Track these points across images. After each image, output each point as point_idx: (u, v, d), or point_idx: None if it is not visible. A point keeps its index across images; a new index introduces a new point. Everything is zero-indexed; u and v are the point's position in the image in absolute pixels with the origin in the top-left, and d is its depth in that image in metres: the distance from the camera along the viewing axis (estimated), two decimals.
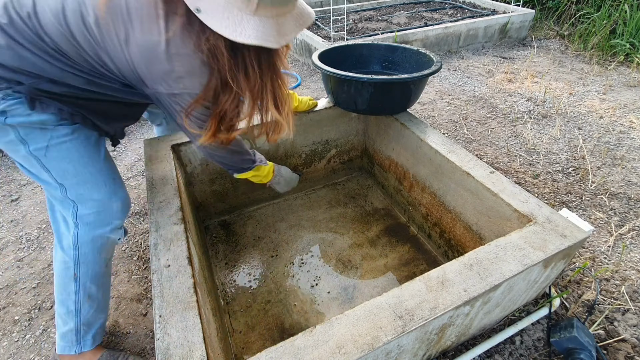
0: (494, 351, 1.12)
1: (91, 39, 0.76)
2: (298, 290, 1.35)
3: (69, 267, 0.98)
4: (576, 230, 0.98)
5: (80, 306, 1.01)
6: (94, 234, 0.97)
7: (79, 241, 0.96)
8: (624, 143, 2.10)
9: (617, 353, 1.10)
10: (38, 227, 1.68)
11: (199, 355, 0.71)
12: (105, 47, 0.77)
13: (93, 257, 0.99)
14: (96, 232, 0.97)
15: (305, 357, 0.70)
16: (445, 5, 4.31)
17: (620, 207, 1.66)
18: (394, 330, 0.75)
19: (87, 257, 0.98)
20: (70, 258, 0.97)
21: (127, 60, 0.78)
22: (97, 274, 1.02)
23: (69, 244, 0.96)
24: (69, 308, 1.01)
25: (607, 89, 2.69)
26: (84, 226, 0.96)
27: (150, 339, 1.23)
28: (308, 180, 1.81)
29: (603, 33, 3.27)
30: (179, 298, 0.82)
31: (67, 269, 0.98)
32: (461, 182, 1.24)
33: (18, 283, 1.43)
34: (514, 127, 2.30)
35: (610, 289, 1.30)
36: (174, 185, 1.14)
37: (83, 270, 0.98)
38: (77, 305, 1.01)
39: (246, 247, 1.54)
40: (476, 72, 3.07)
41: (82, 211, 0.94)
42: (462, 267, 0.89)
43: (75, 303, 1.00)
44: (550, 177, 1.86)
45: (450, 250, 1.41)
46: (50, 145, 0.87)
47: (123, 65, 0.79)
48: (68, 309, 1.01)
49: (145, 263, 1.50)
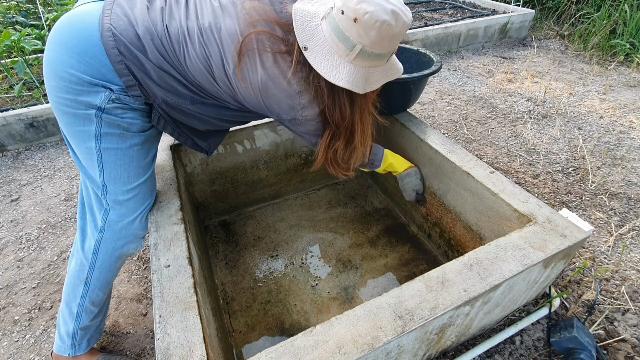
0: (494, 351, 1.12)
1: (230, 85, 0.87)
2: (298, 290, 1.35)
3: (84, 269, 0.98)
4: (576, 230, 0.98)
5: (82, 310, 1.01)
6: (117, 243, 0.98)
7: (101, 247, 0.97)
8: (624, 143, 2.10)
9: (617, 353, 1.10)
10: (38, 227, 1.68)
11: (199, 355, 0.71)
12: (240, 91, 0.87)
13: (109, 264, 1.00)
14: (120, 242, 0.98)
15: (305, 357, 0.70)
16: (445, 5, 4.31)
17: (620, 207, 1.66)
18: (394, 330, 0.75)
19: (103, 264, 0.99)
20: (88, 261, 0.97)
21: (256, 98, 0.87)
22: (108, 281, 1.03)
23: (90, 247, 0.97)
24: (72, 310, 1.01)
25: (607, 89, 2.69)
26: (111, 232, 0.96)
27: (150, 339, 1.23)
28: (308, 180, 1.81)
29: (603, 33, 3.27)
30: (179, 298, 0.82)
31: (81, 270, 0.98)
32: (461, 182, 1.24)
33: (18, 283, 1.43)
34: (514, 127, 2.30)
35: (610, 289, 1.30)
36: (174, 185, 1.14)
37: (96, 275, 0.99)
38: (79, 309, 1.01)
39: (246, 247, 1.54)
40: (476, 72, 3.07)
41: (113, 217, 0.95)
42: (462, 267, 0.89)
43: (79, 307, 1.01)
44: (550, 177, 1.86)
45: (450, 250, 1.41)
46: (120, 149, 0.90)
47: (253, 101, 0.89)
48: (71, 311, 1.01)
49: (145, 263, 1.50)
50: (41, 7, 3.31)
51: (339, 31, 0.75)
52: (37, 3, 3.30)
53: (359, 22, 0.71)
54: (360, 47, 0.75)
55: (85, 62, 0.80)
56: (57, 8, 3.40)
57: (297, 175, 1.75)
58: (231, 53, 0.82)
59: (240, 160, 1.56)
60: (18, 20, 3.21)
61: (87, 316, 1.03)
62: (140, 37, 0.82)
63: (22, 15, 3.30)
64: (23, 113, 2.14)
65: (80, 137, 0.88)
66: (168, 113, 0.95)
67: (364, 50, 0.76)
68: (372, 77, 0.82)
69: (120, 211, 0.95)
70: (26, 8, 3.43)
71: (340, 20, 0.74)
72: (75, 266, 0.99)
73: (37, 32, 2.64)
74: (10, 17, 3.23)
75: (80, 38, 0.80)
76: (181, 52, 0.84)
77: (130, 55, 0.82)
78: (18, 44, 2.42)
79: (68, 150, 2.19)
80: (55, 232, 1.65)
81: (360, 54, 0.77)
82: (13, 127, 2.16)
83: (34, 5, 3.47)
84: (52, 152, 2.21)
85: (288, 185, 1.76)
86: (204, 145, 1.12)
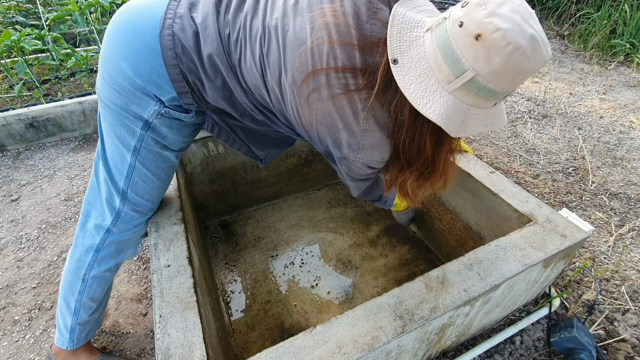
0: (494, 351, 1.12)
1: (281, 98, 0.75)
2: (298, 290, 1.35)
3: (82, 266, 0.97)
4: (576, 230, 0.98)
5: (80, 306, 1.01)
6: (119, 246, 0.98)
7: (104, 246, 0.96)
8: (624, 143, 2.10)
9: (617, 353, 1.10)
10: (38, 227, 1.68)
11: (199, 355, 0.71)
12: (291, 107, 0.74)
13: (108, 264, 0.99)
14: (123, 243, 0.98)
15: (305, 357, 0.70)
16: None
17: (620, 207, 1.66)
18: (394, 330, 0.75)
19: (102, 263, 0.98)
20: (87, 258, 0.97)
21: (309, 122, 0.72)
22: (106, 278, 1.02)
23: (91, 245, 0.96)
24: (69, 305, 1.01)
25: (607, 89, 2.69)
26: (117, 235, 0.95)
27: (150, 339, 1.23)
28: (308, 180, 1.80)
29: (603, 33, 3.27)
30: (179, 298, 0.82)
31: (80, 268, 0.98)
32: (461, 182, 1.24)
33: (18, 283, 1.43)
34: (514, 127, 2.30)
35: (610, 289, 1.30)
36: (174, 185, 1.15)
37: (94, 273, 0.98)
38: (77, 304, 1.01)
39: (246, 247, 1.54)
40: None
41: (123, 222, 0.94)
42: (462, 267, 0.89)
43: (77, 302, 1.00)
44: (550, 177, 1.86)
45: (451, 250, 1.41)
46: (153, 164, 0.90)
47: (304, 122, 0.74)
48: (68, 305, 1.01)
49: (145, 263, 1.50)
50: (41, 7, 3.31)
51: (449, 48, 0.57)
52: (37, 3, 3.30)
53: (482, 40, 0.54)
54: (472, 75, 0.56)
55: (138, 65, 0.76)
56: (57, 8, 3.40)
57: (297, 176, 1.75)
58: (294, 63, 0.68)
59: (240, 160, 1.56)
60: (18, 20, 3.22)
61: (86, 312, 1.02)
62: (198, 33, 0.74)
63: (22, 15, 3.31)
64: (23, 113, 2.14)
65: (119, 142, 0.86)
66: (222, 119, 0.92)
67: (474, 81, 0.57)
68: (470, 119, 0.63)
69: (132, 218, 0.95)
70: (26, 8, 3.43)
71: (454, 35, 0.56)
72: (74, 263, 0.98)
73: (37, 32, 2.64)
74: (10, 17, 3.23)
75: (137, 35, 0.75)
76: (237, 53, 0.74)
77: (186, 58, 0.76)
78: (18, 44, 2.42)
79: (68, 151, 2.19)
80: (55, 232, 1.65)
81: (467, 85, 0.58)
82: (13, 127, 2.16)
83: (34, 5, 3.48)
84: (52, 152, 2.21)
85: (288, 186, 1.76)
86: (260, 154, 1.05)
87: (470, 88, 0.59)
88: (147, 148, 0.87)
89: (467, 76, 0.57)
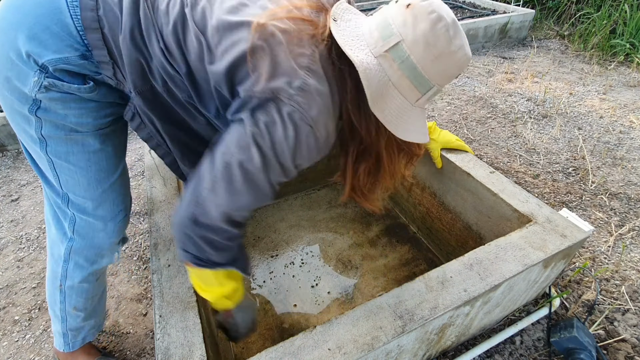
0: (494, 351, 1.12)
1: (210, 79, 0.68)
2: (298, 290, 1.35)
3: (56, 277, 0.93)
4: (576, 230, 0.98)
5: (65, 314, 0.97)
6: (88, 253, 0.90)
7: (71, 255, 0.89)
8: (624, 143, 2.10)
9: (617, 353, 1.10)
10: (38, 227, 1.68)
11: (199, 355, 0.71)
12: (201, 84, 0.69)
13: (81, 273, 0.92)
14: (91, 252, 0.90)
15: (305, 357, 0.70)
16: None
17: (620, 207, 1.66)
18: (394, 330, 0.75)
19: (74, 273, 0.91)
20: (59, 269, 0.91)
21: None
22: (84, 289, 0.96)
23: (59, 255, 0.90)
24: (55, 312, 0.98)
25: (607, 89, 2.69)
26: (80, 240, 0.87)
27: (150, 339, 1.23)
28: (308, 180, 1.80)
29: (603, 33, 3.27)
30: (179, 298, 0.82)
31: (55, 278, 0.93)
32: (461, 182, 1.24)
33: (18, 283, 1.43)
34: (514, 127, 2.30)
35: (610, 289, 1.30)
36: (174, 185, 1.15)
37: (69, 283, 0.93)
38: (62, 313, 0.97)
39: (246, 247, 1.54)
40: (476, 72, 3.07)
41: (80, 226, 0.85)
42: (462, 267, 0.89)
43: (61, 311, 0.97)
44: (550, 177, 1.86)
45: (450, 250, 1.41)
46: (71, 152, 0.76)
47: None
48: (55, 312, 0.98)
49: (145, 263, 1.50)
50: None
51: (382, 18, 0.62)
52: None
53: (411, 7, 0.59)
54: (397, 39, 0.60)
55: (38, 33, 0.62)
56: None
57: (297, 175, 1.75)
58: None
59: None
60: None
61: (73, 319, 0.99)
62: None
63: None
64: None
65: (26, 139, 0.75)
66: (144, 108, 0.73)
67: (399, 48, 0.60)
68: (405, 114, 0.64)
69: (87, 220, 0.84)
70: None
71: (388, 8, 0.62)
72: (49, 273, 0.94)
73: None
74: None
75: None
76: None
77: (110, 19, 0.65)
78: None
79: None
80: None
81: (392, 52, 0.60)
82: None
83: None
84: None
85: (288, 185, 1.76)
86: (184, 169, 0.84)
87: (395, 57, 0.60)
88: (51, 137, 0.72)
89: (393, 40, 0.60)
